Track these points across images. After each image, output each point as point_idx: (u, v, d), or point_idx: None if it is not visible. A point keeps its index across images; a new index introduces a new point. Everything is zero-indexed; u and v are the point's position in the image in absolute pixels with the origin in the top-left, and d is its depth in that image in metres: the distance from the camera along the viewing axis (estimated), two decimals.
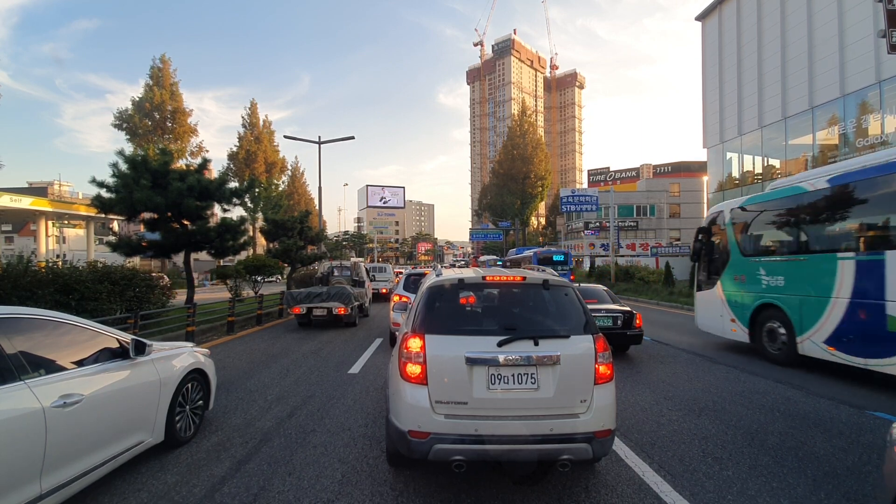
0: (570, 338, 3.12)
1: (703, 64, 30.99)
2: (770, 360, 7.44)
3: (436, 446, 2.84)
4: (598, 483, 3.33)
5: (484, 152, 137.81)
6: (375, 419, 4.71)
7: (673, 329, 11.06)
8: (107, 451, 3.08)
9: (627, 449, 3.92)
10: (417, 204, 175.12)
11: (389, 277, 22.72)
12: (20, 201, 33.36)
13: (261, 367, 7.24)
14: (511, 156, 51.35)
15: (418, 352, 3.02)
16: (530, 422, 2.89)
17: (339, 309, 11.39)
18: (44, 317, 2.99)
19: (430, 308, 3.28)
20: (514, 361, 2.94)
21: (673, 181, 55.51)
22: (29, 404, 2.53)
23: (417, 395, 2.95)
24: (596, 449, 2.91)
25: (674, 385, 6.09)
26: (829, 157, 21.80)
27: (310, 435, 4.30)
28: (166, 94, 36.58)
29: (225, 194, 11.85)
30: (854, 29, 20.30)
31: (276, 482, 3.34)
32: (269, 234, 19.40)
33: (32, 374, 2.67)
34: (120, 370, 3.33)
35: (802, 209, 7.11)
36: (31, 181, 70.17)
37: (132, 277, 9.44)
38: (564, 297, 3.42)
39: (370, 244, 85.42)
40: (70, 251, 43.83)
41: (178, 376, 3.95)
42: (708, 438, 4.20)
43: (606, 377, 3.08)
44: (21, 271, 7.65)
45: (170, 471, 3.53)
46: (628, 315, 7.77)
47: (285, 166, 48.09)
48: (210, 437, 4.24)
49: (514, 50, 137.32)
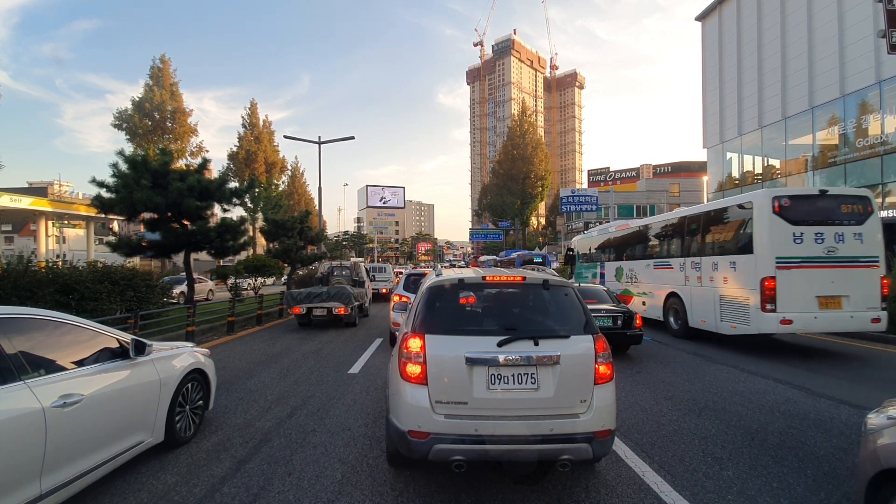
0: (570, 338, 3.12)
1: (703, 64, 31.00)
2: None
3: (436, 446, 2.84)
4: (598, 483, 3.33)
5: (484, 152, 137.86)
6: (375, 419, 4.71)
7: (672, 328, 11.05)
8: (107, 451, 3.08)
9: (627, 449, 3.92)
10: (417, 204, 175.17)
11: (389, 277, 22.72)
12: (20, 201, 33.34)
13: (261, 367, 7.24)
14: (511, 156, 51.35)
15: (418, 352, 3.02)
16: (530, 422, 2.89)
17: (339, 309, 11.39)
18: (44, 317, 2.99)
19: (430, 308, 3.28)
20: (514, 361, 2.94)
21: (673, 181, 55.56)
22: (29, 404, 2.53)
23: (417, 395, 2.95)
24: (596, 449, 2.91)
25: (674, 385, 6.09)
26: (829, 158, 21.82)
27: (310, 435, 4.30)
28: (166, 94, 36.52)
29: (225, 194, 11.84)
30: (854, 29, 20.31)
31: (276, 482, 3.34)
32: (269, 234, 19.39)
33: (32, 374, 2.66)
34: (120, 370, 3.33)
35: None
36: (31, 181, 70.09)
37: (132, 277, 9.44)
38: (564, 297, 3.42)
39: (370, 244, 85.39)
40: (70, 251, 43.78)
41: (178, 376, 3.95)
42: (708, 438, 4.20)
43: (606, 377, 3.08)
44: (21, 271, 7.65)
45: (170, 471, 3.53)
46: (628, 315, 7.77)
47: (285, 166, 48.05)
48: (210, 437, 4.24)
49: (514, 50, 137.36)
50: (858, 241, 7.68)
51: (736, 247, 8.51)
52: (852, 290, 7.62)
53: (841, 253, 7.63)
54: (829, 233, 7.64)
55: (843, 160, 20.95)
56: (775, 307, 7.50)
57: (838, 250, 7.62)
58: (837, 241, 7.64)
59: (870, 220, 7.81)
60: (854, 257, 7.66)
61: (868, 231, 7.75)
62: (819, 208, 7.85)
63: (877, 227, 7.87)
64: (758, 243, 7.88)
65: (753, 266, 7.88)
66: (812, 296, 7.55)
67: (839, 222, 7.73)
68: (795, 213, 7.74)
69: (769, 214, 7.74)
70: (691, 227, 10.03)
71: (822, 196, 7.95)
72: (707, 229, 9.50)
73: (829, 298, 7.57)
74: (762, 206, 7.86)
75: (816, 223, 7.69)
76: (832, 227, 7.68)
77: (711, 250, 9.23)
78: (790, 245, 7.60)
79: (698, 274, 9.45)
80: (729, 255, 8.62)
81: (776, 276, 7.54)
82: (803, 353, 8.35)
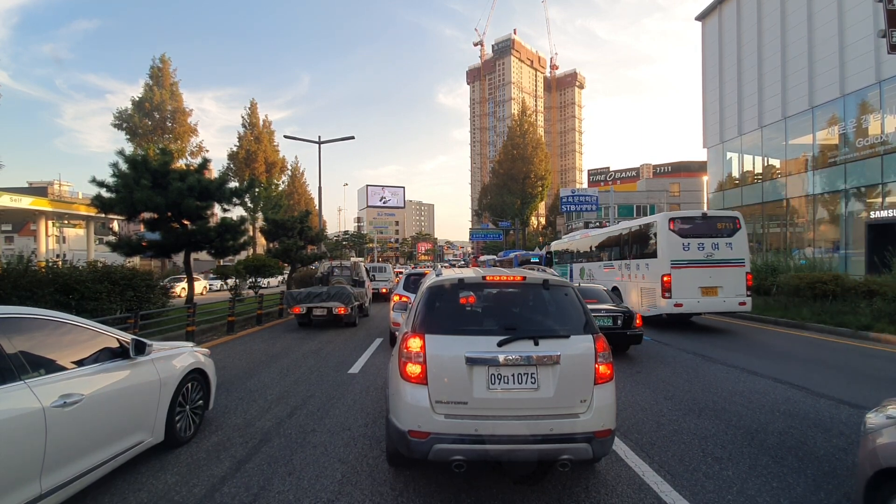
0: (570, 338, 3.12)
1: (703, 64, 30.98)
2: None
3: (436, 446, 2.84)
4: (597, 483, 3.34)
5: (484, 152, 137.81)
6: (375, 419, 4.71)
7: (672, 328, 11.06)
8: (107, 450, 3.08)
9: (627, 448, 3.92)
10: (417, 204, 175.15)
11: (389, 277, 22.73)
12: (20, 201, 33.38)
13: (261, 367, 7.25)
14: (511, 156, 51.32)
15: (418, 351, 3.02)
16: (530, 422, 2.89)
17: (339, 309, 11.39)
18: (44, 317, 2.99)
19: (430, 308, 3.28)
20: (514, 361, 2.94)
21: (673, 181, 55.55)
22: (29, 404, 2.53)
23: (417, 394, 2.95)
24: (596, 449, 2.91)
25: (673, 384, 6.09)
26: (829, 158, 21.81)
27: (310, 435, 4.30)
28: (166, 94, 36.51)
29: (225, 194, 11.84)
30: (854, 29, 20.29)
31: (276, 482, 3.34)
32: (269, 234, 19.38)
33: (32, 373, 2.67)
34: (120, 370, 3.33)
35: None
36: (31, 181, 70.04)
37: (132, 277, 9.43)
38: (564, 297, 3.41)
39: (370, 244, 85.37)
40: (70, 251, 43.80)
41: (178, 376, 3.95)
42: (708, 438, 4.20)
43: (606, 377, 3.08)
44: (21, 271, 7.65)
45: (170, 471, 3.54)
46: (628, 315, 7.77)
47: (285, 166, 47.97)
48: (210, 437, 4.25)
49: (514, 50, 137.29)
50: (729, 248, 10.48)
51: (648, 253, 11.42)
52: (725, 283, 10.37)
53: (717, 257, 10.42)
54: (708, 243, 10.45)
55: (843, 160, 20.92)
56: (671, 295, 10.28)
57: (714, 255, 10.43)
58: (714, 248, 10.44)
59: (738, 233, 10.58)
60: (726, 259, 10.43)
61: (737, 241, 10.53)
62: (701, 226, 10.66)
63: (743, 238, 10.61)
64: (660, 251, 10.75)
65: (657, 267, 10.75)
66: (696, 287, 10.33)
67: (715, 235, 10.52)
68: (684, 229, 10.59)
69: (666, 231, 10.62)
70: (624, 238, 13.15)
71: (703, 217, 10.85)
72: (633, 241, 12.52)
73: (708, 288, 10.38)
74: (662, 225, 10.78)
75: (699, 236, 10.48)
76: (710, 239, 10.46)
77: (635, 255, 12.23)
78: (681, 252, 10.44)
79: (629, 273, 12.48)
80: (645, 258, 11.56)
81: (671, 273, 10.37)
82: (803, 353, 8.35)
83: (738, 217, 10.83)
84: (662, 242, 10.64)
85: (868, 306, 10.58)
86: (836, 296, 11.75)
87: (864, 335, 9.36)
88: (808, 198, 23.18)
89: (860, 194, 20.64)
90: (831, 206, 22.25)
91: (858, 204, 20.75)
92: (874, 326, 9.50)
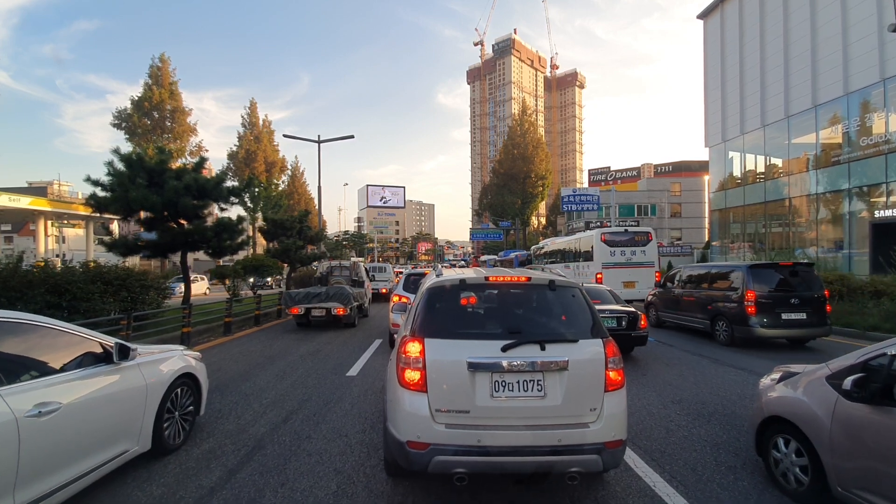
0: (578, 342, 2.95)
1: (705, 62, 30.80)
2: None
3: (436, 458, 2.66)
4: (606, 494, 3.16)
5: (484, 152, 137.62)
6: (373, 424, 4.54)
7: (671, 328, 10.88)
8: (88, 461, 2.91)
9: (637, 457, 3.74)
10: (417, 204, 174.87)
11: (389, 277, 22.56)
12: (19, 201, 33.22)
13: (257, 370, 7.08)
14: (511, 155, 51.10)
15: (417, 357, 2.84)
16: (537, 432, 2.72)
17: (338, 309, 11.22)
18: (19, 320, 2.81)
19: (430, 310, 3.11)
20: (519, 367, 2.77)
21: (674, 181, 55.23)
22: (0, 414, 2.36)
23: (416, 402, 2.78)
24: (606, 460, 2.74)
25: (681, 388, 5.92)
26: (832, 157, 21.63)
27: (304, 442, 4.13)
28: (165, 94, 36.30)
29: (222, 193, 11.65)
30: (857, 27, 20.11)
31: (268, 494, 3.17)
32: (269, 234, 19.22)
33: (5, 382, 2.50)
34: (102, 376, 3.16)
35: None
36: (31, 181, 69.98)
37: (126, 277, 9.24)
38: (571, 299, 3.24)
39: (370, 244, 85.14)
40: (70, 251, 43.68)
41: (166, 381, 3.78)
42: (720, 445, 4.03)
43: (617, 384, 2.91)
44: (11, 271, 7.46)
45: (156, 481, 3.36)
46: (633, 316, 7.59)
47: (285, 166, 47.79)
48: (201, 445, 4.07)
49: (515, 49, 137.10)
50: (643, 254, 14.98)
51: (588, 257, 16.09)
52: (640, 279, 14.71)
53: (634, 260, 14.89)
54: (628, 250, 14.95)
55: (846, 159, 20.74)
56: None
57: (633, 259, 14.89)
58: (632, 254, 14.92)
59: (650, 243, 15.07)
60: (641, 262, 14.88)
61: (649, 249, 15.04)
62: (623, 238, 15.20)
63: (654, 246, 15.14)
64: (595, 255, 15.35)
65: (594, 267, 15.19)
66: (620, 281, 14.41)
67: (633, 245, 15.01)
68: (612, 241, 15.14)
69: (599, 241, 15.16)
70: (574, 246, 18.29)
71: (625, 232, 15.62)
72: (580, 248, 17.37)
73: (628, 283, 14.66)
74: (596, 238, 15.34)
75: (622, 245, 15.01)
76: (630, 247, 14.96)
77: (581, 259, 17.03)
78: (608, 256, 14.99)
79: (577, 270, 16.85)
80: (587, 261, 16.11)
81: (602, 272, 14.67)
82: (811, 355, 8.18)
83: (651, 231, 15.46)
84: (596, 250, 15.24)
85: (876, 307, 10.40)
86: (842, 296, 11.58)
87: (873, 336, 9.19)
88: (810, 197, 23.00)
89: (863, 193, 20.47)
90: (834, 206, 22.07)
91: (862, 203, 20.57)
92: (882, 327, 9.33)
